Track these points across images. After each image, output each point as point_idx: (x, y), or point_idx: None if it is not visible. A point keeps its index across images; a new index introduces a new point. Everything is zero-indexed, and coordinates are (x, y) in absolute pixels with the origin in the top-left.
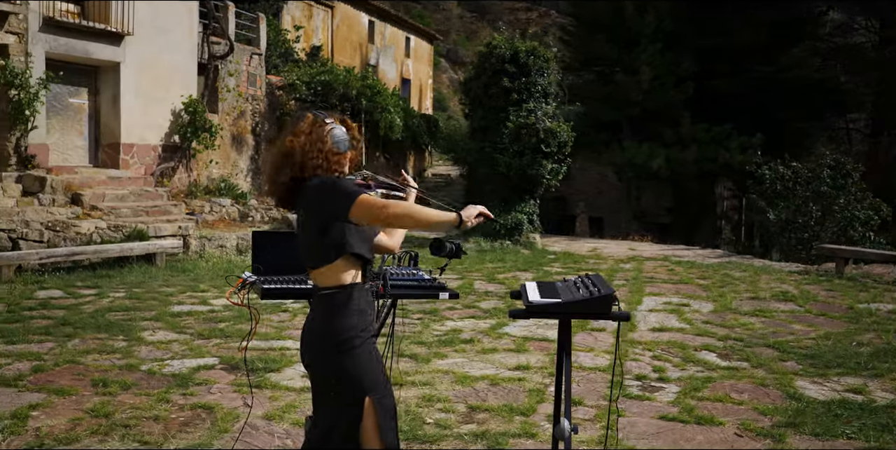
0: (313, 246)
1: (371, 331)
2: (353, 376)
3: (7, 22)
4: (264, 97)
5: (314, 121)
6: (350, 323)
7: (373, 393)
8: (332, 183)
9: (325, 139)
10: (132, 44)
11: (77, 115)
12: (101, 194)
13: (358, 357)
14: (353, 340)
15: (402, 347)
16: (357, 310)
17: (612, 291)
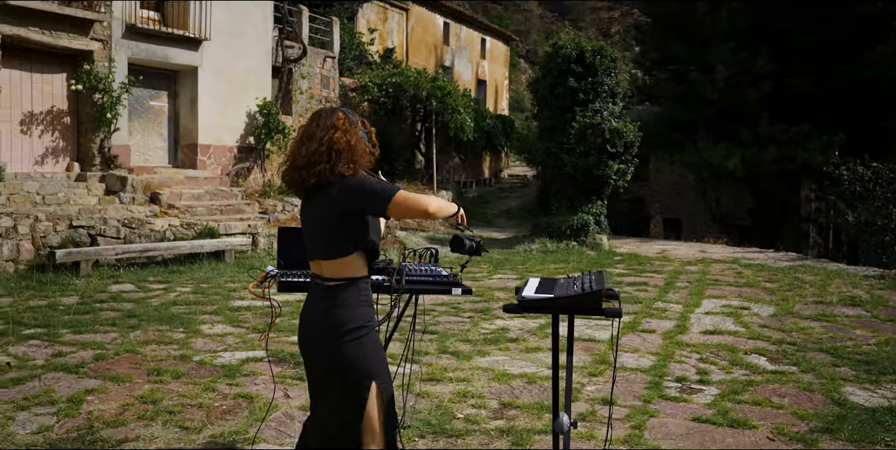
0: (331, 238)
1: (376, 322)
2: (362, 364)
3: (92, 29)
4: (337, 99)
5: (348, 119)
6: (359, 313)
7: (378, 378)
8: (365, 182)
9: (360, 139)
10: (209, 49)
11: (157, 117)
12: (178, 193)
13: (366, 345)
14: (361, 329)
15: (447, 344)
16: (365, 301)
17: (602, 288)
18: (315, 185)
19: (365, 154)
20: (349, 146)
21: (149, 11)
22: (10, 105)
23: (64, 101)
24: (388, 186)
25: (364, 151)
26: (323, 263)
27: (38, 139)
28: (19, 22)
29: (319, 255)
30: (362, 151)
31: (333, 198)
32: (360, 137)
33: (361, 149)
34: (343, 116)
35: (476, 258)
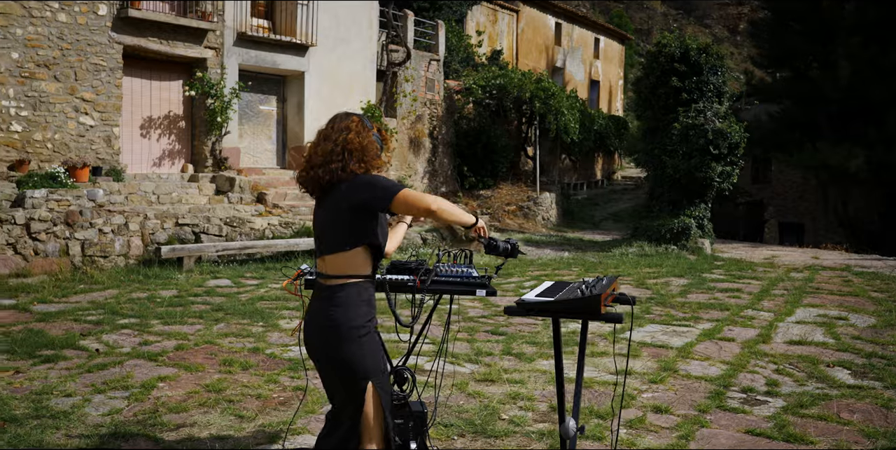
0: (338, 232)
1: (375, 322)
2: (359, 364)
3: (206, 38)
4: (442, 101)
5: (362, 123)
6: (360, 312)
7: (375, 379)
8: (374, 180)
9: (373, 142)
10: (315, 54)
11: (266, 120)
12: (282, 194)
13: (365, 345)
14: (361, 328)
15: (513, 345)
16: (366, 300)
17: (601, 293)
18: (329, 182)
19: (376, 156)
20: (361, 147)
21: (259, 19)
22: (132, 111)
23: (180, 107)
24: (396, 184)
25: (375, 153)
26: (327, 259)
27: (156, 142)
28: (140, 33)
29: (325, 250)
30: (374, 153)
31: (343, 193)
32: (372, 139)
33: (373, 151)
34: (357, 120)
35: (567, 261)
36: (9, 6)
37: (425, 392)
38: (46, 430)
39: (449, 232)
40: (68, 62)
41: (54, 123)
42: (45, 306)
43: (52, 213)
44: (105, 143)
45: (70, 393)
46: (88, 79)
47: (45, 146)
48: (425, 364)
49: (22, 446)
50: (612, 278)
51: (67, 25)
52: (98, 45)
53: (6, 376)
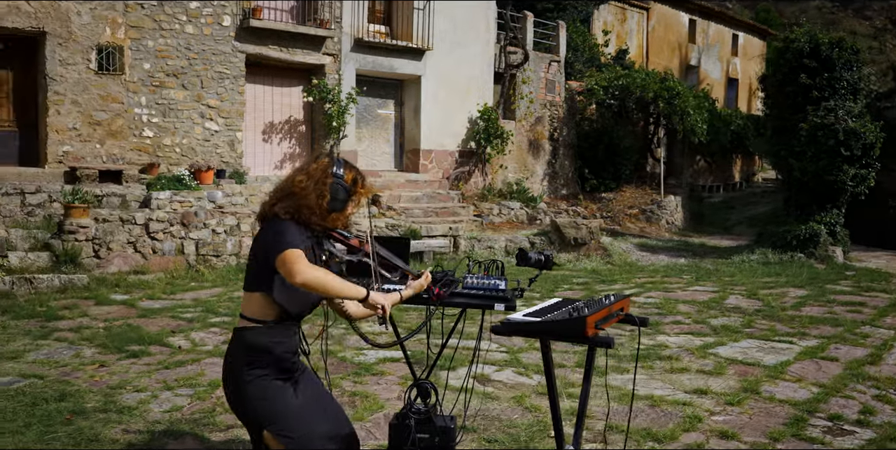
0: (249, 270)
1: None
2: (250, 409)
3: (324, 45)
4: (563, 103)
5: (325, 169)
6: (250, 359)
7: (270, 426)
8: (282, 229)
9: (324, 193)
10: (432, 58)
11: (384, 124)
12: (397, 196)
13: (253, 392)
14: (247, 375)
15: None
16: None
17: (588, 315)
18: (263, 216)
19: (311, 209)
20: (303, 194)
21: (377, 25)
22: (255, 116)
23: (300, 112)
24: (290, 242)
25: (311, 206)
26: (243, 294)
27: (278, 146)
28: (261, 42)
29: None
30: (308, 205)
31: (261, 232)
32: (324, 189)
33: (310, 203)
34: (324, 165)
35: (680, 268)
36: (141, 20)
37: (496, 404)
38: (108, 424)
39: (558, 236)
40: (195, 71)
41: (182, 129)
42: (151, 303)
43: (169, 214)
44: (229, 147)
45: (141, 388)
46: (213, 86)
47: (174, 150)
48: (493, 373)
49: (80, 438)
50: (619, 297)
51: (194, 36)
52: (222, 54)
53: (91, 369)
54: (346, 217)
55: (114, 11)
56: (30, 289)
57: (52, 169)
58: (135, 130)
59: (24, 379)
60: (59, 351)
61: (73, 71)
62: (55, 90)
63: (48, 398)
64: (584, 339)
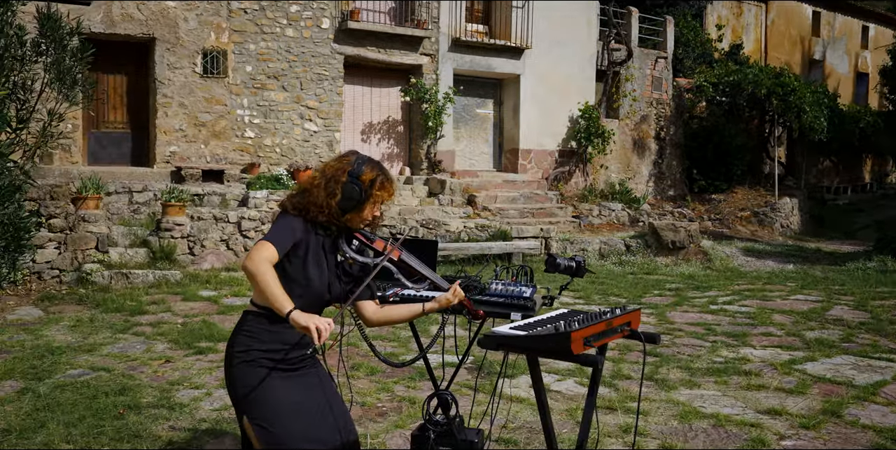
0: None
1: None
2: (234, 393)
3: (421, 45)
4: (670, 101)
5: (342, 168)
6: (241, 340)
7: (250, 415)
8: (278, 222)
9: (335, 192)
10: (531, 57)
11: (483, 124)
12: (493, 196)
13: (238, 375)
14: (235, 357)
15: (660, 369)
16: (253, 330)
17: (572, 331)
18: (280, 206)
19: (318, 206)
20: (310, 192)
21: (475, 25)
22: (353, 117)
23: (398, 112)
24: (274, 234)
25: (318, 203)
26: None
27: (376, 146)
28: (359, 43)
29: None
30: (316, 202)
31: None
32: (336, 188)
33: (317, 201)
34: (344, 164)
35: (786, 275)
36: (244, 25)
37: (570, 418)
38: (157, 420)
39: (655, 238)
40: (294, 73)
41: (282, 130)
42: (233, 300)
43: (261, 212)
44: (327, 147)
45: (198, 386)
46: (312, 88)
47: (274, 150)
48: (553, 383)
49: (124, 434)
50: (628, 311)
51: (294, 39)
52: (321, 56)
53: (156, 364)
54: (364, 218)
55: (218, 17)
56: (126, 284)
57: (159, 169)
58: (237, 131)
59: (92, 372)
60: (133, 345)
61: (179, 75)
62: (163, 93)
63: (108, 392)
64: (570, 356)
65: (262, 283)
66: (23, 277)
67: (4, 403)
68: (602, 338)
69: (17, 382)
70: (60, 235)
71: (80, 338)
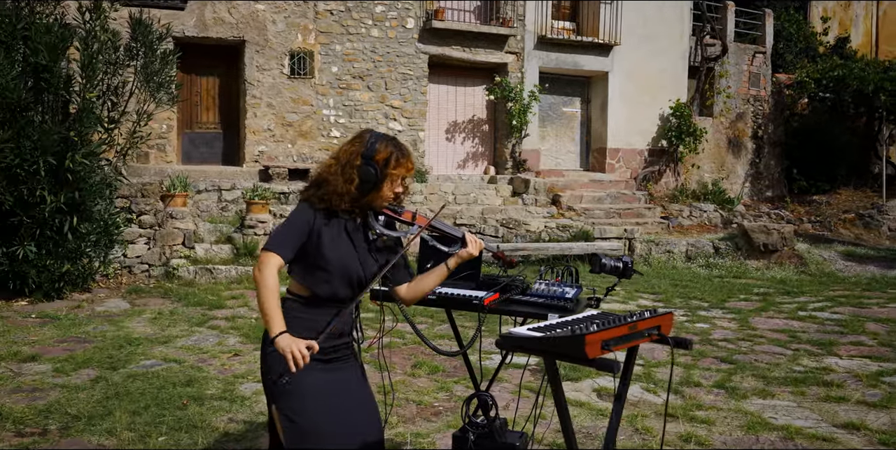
0: None
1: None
2: (265, 380)
3: (506, 44)
4: (769, 98)
5: (355, 152)
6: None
7: (277, 403)
8: (286, 221)
9: (352, 177)
10: (620, 53)
11: (570, 122)
12: (578, 196)
13: (270, 363)
14: (270, 345)
15: (733, 377)
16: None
17: (586, 334)
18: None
19: (339, 195)
20: (326, 180)
21: (562, 22)
22: (438, 116)
23: (483, 111)
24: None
25: (338, 192)
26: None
27: (461, 145)
28: (443, 42)
29: None
30: (336, 191)
31: None
32: (352, 173)
33: (336, 189)
34: (357, 146)
35: (888, 281)
36: (330, 26)
37: (606, 422)
38: (218, 412)
39: (745, 241)
40: (379, 73)
41: None
42: None
43: None
44: (411, 146)
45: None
46: (397, 87)
47: None
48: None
49: (184, 424)
50: (658, 314)
51: (379, 40)
52: (406, 56)
53: (225, 357)
54: (386, 197)
55: (305, 18)
56: (210, 278)
57: (248, 168)
58: (323, 130)
59: (164, 363)
60: (206, 338)
61: (268, 76)
62: (252, 94)
63: (176, 383)
64: (585, 360)
65: (262, 297)
66: (114, 270)
67: (79, 390)
68: (624, 342)
69: (94, 370)
70: (150, 231)
71: (158, 330)
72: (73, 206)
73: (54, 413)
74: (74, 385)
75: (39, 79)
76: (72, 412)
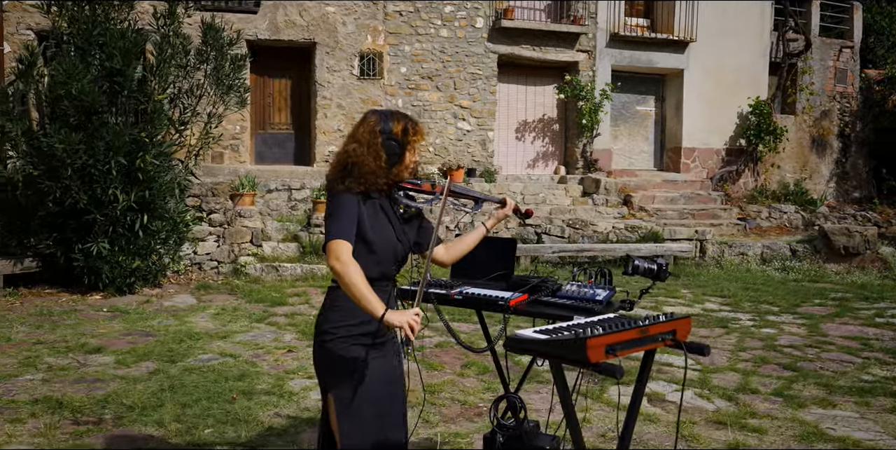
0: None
1: (351, 331)
2: (322, 369)
3: (578, 42)
4: (857, 94)
5: (374, 130)
6: (333, 317)
7: (335, 391)
8: (333, 210)
9: (380, 153)
10: (696, 50)
11: (643, 121)
12: (651, 196)
13: (329, 352)
14: (328, 333)
15: (794, 385)
16: (344, 307)
17: (588, 337)
18: (328, 190)
19: (377, 171)
20: (360, 162)
21: (636, 18)
22: (508, 115)
23: (553, 110)
24: (336, 229)
25: (376, 169)
26: None
27: (531, 145)
28: (513, 41)
29: None
30: (373, 169)
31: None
32: (378, 150)
33: (372, 167)
34: (371, 125)
35: None
36: (399, 27)
37: (652, 428)
38: (265, 406)
39: (824, 243)
40: (448, 73)
41: (436, 129)
42: None
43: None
44: (480, 146)
45: (311, 375)
46: (465, 87)
47: (428, 150)
48: (670, 393)
49: (231, 417)
50: (674, 318)
51: (448, 40)
52: (475, 55)
53: (279, 353)
54: (408, 166)
55: (374, 20)
56: (276, 276)
57: (318, 168)
58: None
59: (220, 357)
60: (264, 334)
61: (338, 77)
62: (323, 95)
63: (229, 377)
64: (586, 364)
65: (352, 285)
66: (185, 267)
67: (137, 381)
68: (633, 347)
69: (153, 363)
70: (219, 229)
71: (219, 325)
72: (143, 204)
73: (111, 403)
74: (133, 377)
75: (113, 82)
76: (127, 403)
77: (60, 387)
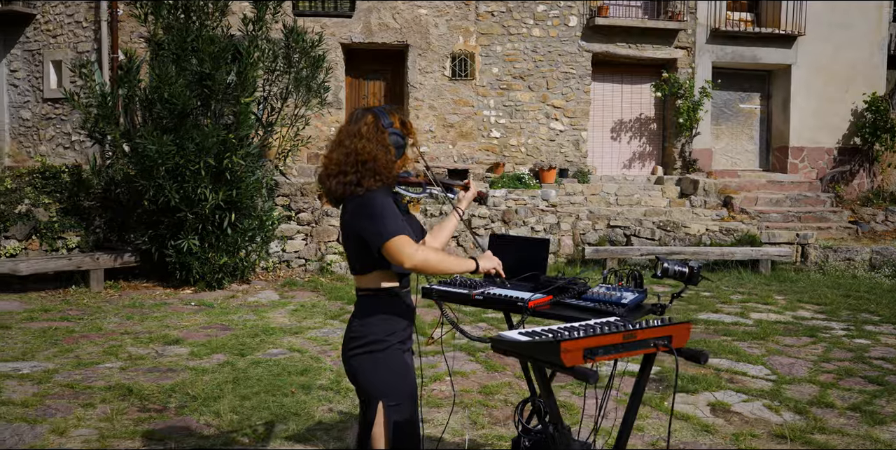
0: (354, 254)
1: (397, 338)
2: (368, 379)
3: (676, 38)
4: None
5: (377, 125)
6: (379, 326)
7: (386, 399)
8: (376, 211)
9: (389, 148)
10: (804, 44)
11: (748, 119)
12: (753, 198)
13: (379, 361)
14: (370, 344)
15: (880, 402)
16: (383, 315)
17: (562, 340)
18: (342, 196)
19: (389, 165)
20: (373, 158)
21: (740, 13)
22: (602, 115)
23: (651, 109)
24: (392, 228)
25: (388, 163)
26: (354, 275)
27: (626, 145)
28: (607, 39)
29: (351, 267)
30: (386, 163)
31: (350, 214)
32: (387, 144)
33: (385, 161)
34: (371, 121)
35: None
36: (491, 27)
37: (708, 439)
38: (321, 401)
39: None
40: (540, 72)
41: (527, 129)
42: None
43: (491, 210)
44: (573, 146)
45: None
46: (558, 87)
47: (519, 150)
48: (737, 403)
49: (284, 411)
50: (670, 323)
51: (540, 39)
52: (568, 54)
53: None
54: (408, 157)
55: (466, 21)
56: None
57: None
58: (483, 131)
59: (288, 352)
60: (335, 331)
61: (430, 78)
62: (415, 96)
63: (292, 371)
64: (562, 367)
65: (439, 263)
66: (273, 264)
67: (206, 373)
68: (616, 351)
69: (224, 356)
70: (307, 228)
71: (294, 321)
72: (231, 203)
73: (177, 393)
74: (203, 368)
75: (203, 86)
76: (191, 393)
77: (134, 375)
